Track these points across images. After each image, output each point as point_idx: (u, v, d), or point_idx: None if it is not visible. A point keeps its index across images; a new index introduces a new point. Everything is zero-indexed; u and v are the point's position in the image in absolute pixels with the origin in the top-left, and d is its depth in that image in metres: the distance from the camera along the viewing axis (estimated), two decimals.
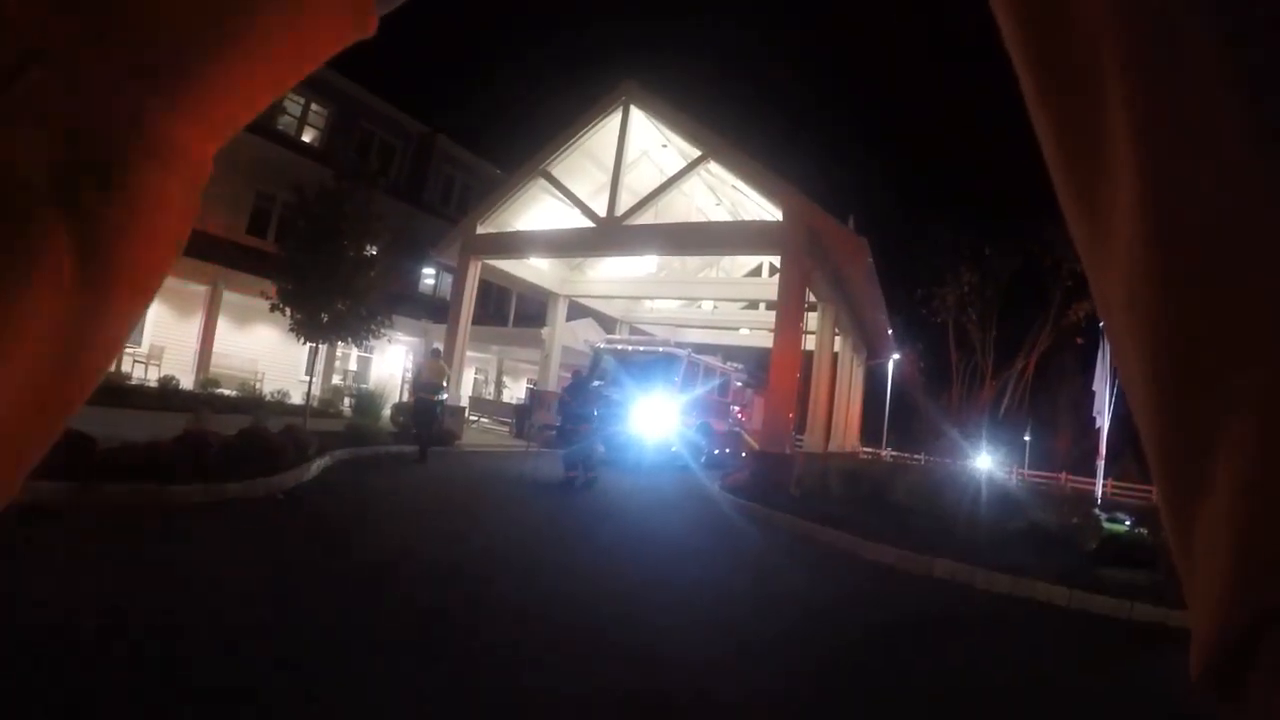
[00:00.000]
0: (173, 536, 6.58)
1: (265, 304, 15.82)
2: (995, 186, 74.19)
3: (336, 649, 4.67)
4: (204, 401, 15.80)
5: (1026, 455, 44.32)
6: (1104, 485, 18.62)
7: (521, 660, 4.88)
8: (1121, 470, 33.32)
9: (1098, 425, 17.09)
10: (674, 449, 19.35)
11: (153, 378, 20.06)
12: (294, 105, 26.58)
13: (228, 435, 9.78)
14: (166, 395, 17.44)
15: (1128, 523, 14.29)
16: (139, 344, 21.49)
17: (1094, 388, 17.50)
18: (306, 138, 26.96)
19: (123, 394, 16.34)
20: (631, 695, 4.63)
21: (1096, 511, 14.78)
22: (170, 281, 20.81)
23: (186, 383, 20.37)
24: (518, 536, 9.47)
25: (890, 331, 34.15)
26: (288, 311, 15.47)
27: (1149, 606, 8.47)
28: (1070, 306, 35.84)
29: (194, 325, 22.70)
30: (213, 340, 22.38)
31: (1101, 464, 17.39)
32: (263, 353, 24.35)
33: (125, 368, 20.00)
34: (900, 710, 4.90)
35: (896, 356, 41.03)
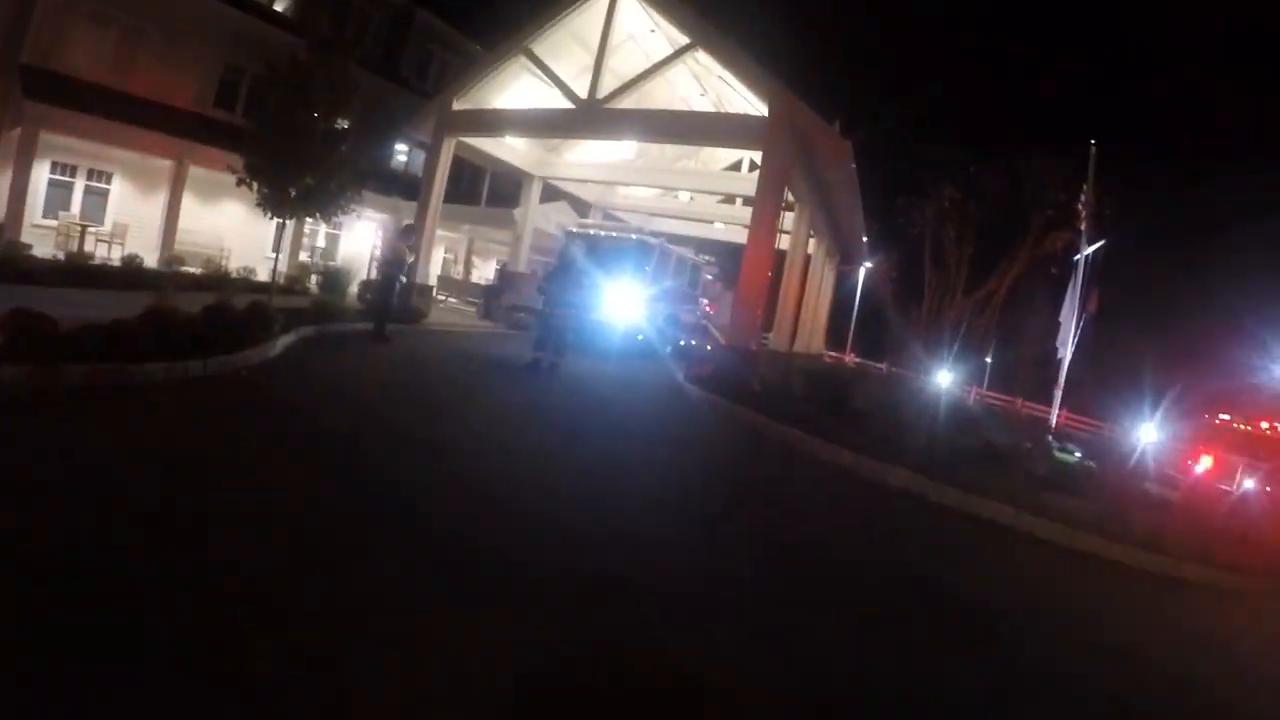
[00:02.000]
0: (132, 415, 6.41)
1: (232, 179, 15.30)
2: (987, 109, 73.42)
3: (293, 523, 4.63)
4: (168, 279, 15.46)
5: (986, 376, 44.84)
6: (1058, 415, 18.80)
7: (477, 534, 4.86)
8: (1077, 403, 33.74)
9: (1059, 356, 17.20)
10: (641, 337, 19.32)
11: (116, 256, 19.49)
12: None
13: (192, 313, 9.55)
14: (130, 274, 16.93)
15: (1078, 454, 14.49)
16: (101, 222, 20.92)
17: (1060, 319, 17.57)
18: (279, 6, 25.89)
19: (86, 274, 15.91)
20: (581, 571, 4.67)
21: (1049, 439, 14.96)
22: (133, 157, 20.62)
23: (151, 261, 19.80)
24: (480, 415, 9.44)
25: (865, 239, 34.12)
26: (254, 186, 15.06)
27: (1091, 536, 8.60)
28: (1048, 235, 35.81)
29: (158, 202, 21.97)
30: (178, 217, 21.72)
31: (1059, 394, 17.55)
32: (229, 229, 23.76)
33: (88, 246, 19.42)
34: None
35: (869, 264, 41.13)
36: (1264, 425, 27.84)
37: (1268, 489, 20.68)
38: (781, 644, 4.15)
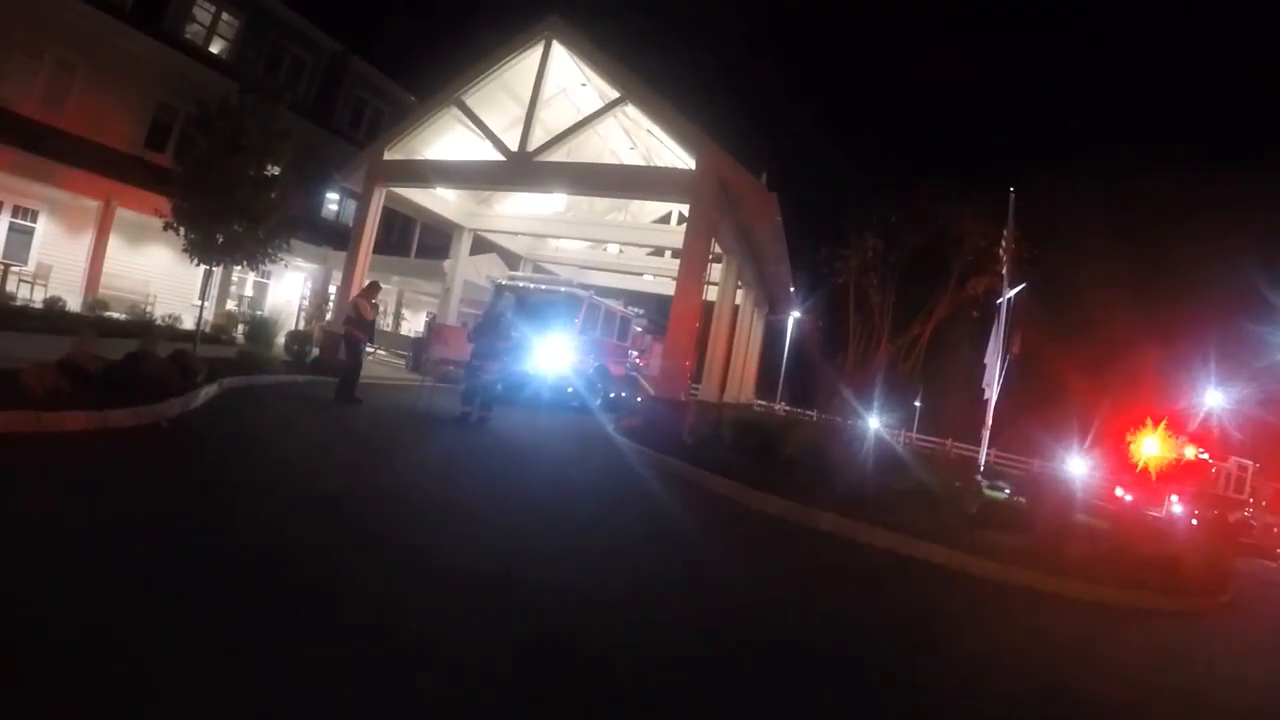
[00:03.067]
0: (44, 467, 6.28)
1: (160, 223, 15.15)
2: (907, 158, 75.21)
3: (203, 579, 4.61)
4: (90, 324, 15.18)
5: (915, 420, 45.61)
6: (987, 454, 19.22)
7: (402, 599, 4.87)
8: (1005, 441, 34.47)
9: (986, 397, 17.58)
10: (571, 389, 19.40)
11: (38, 298, 19.01)
12: (204, 13, 25.23)
13: (113, 360, 9.43)
14: (52, 317, 16.56)
15: (1007, 490, 14.81)
16: (25, 262, 20.45)
17: (985, 360, 17.98)
18: (214, 48, 25.65)
19: (5, 315, 15.58)
20: (506, 629, 4.70)
21: (979, 477, 15.25)
22: (61, 195, 20.22)
23: (74, 304, 19.38)
24: (404, 472, 9.40)
25: (793, 289, 34.63)
26: (182, 230, 14.89)
27: (1022, 570, 8.86)
28: (969, 280, 36.60)
29: (84, 243, 21.47)
30: (103, 260, 21.24)
31: (987, 434, 17.93)
32: (155, 274, 23.34)
33: (10, 287, 18.93)
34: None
35: (797, 314, 41.71)
36: (1191, 452, 28.69)
37: (1195, 513, 21.26)
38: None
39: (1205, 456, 29.66)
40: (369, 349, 15.33)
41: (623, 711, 3.89)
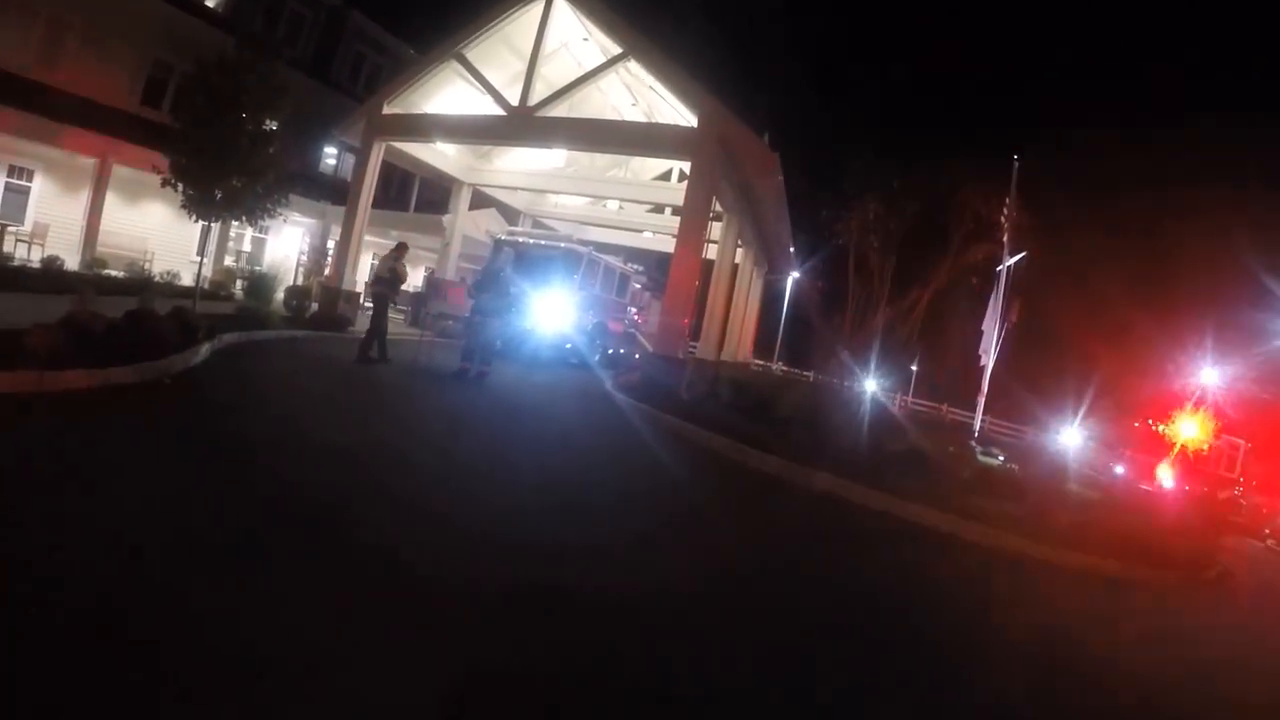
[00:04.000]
0: (49, 424, 6.30)
1: (157, 179, 15.02)
2: (912, 122, 74.75)
3: (207, 536, 4.64)
4: (89, 282, 15.11)
5: (912, 384, 45.72)
6: (982, 420, 19.28)
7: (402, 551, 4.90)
8: (1000, 409, 34.57)
9: (982, 363, 17.61)
10: (570, 346, 19.40)
11: (36, 258, 18.87)
12: None
13: (113, 318, 9.41)
14: (50, 276, 16.47)
15: (1001, 458, 14.87)
16: (21, 222, 20.32)
17: (983, 327, 17.99)
18: (210, 2, 25.37)
19: (3, 275, 15.52)
20: (505, 581, 4.74)
21: (973, 444, 15.30)
22: (56, 154, 20.08)
23: (72, 263, 19.28)
24: (404, 427, 9.43)
25: (792, 249, 34.55)
26: (179, 187, 14.80)
27: (1012, 536, 8.93)
28: (970, 247, 36.50)
29: (81, 202, 21.32)
30: (100, 218, 21.11)
31: (982, 400, 17.97)
32: (153, 231, 23.19)
33: (7, 247, 18.72)
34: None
35: (796, 274, 41.66)
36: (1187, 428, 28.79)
37: (1185, 488, 21.39)
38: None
39: (1200, 433, 29.76)
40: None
41: (612, 656, 3.94)
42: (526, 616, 4.18)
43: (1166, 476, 22.23)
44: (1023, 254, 17.89)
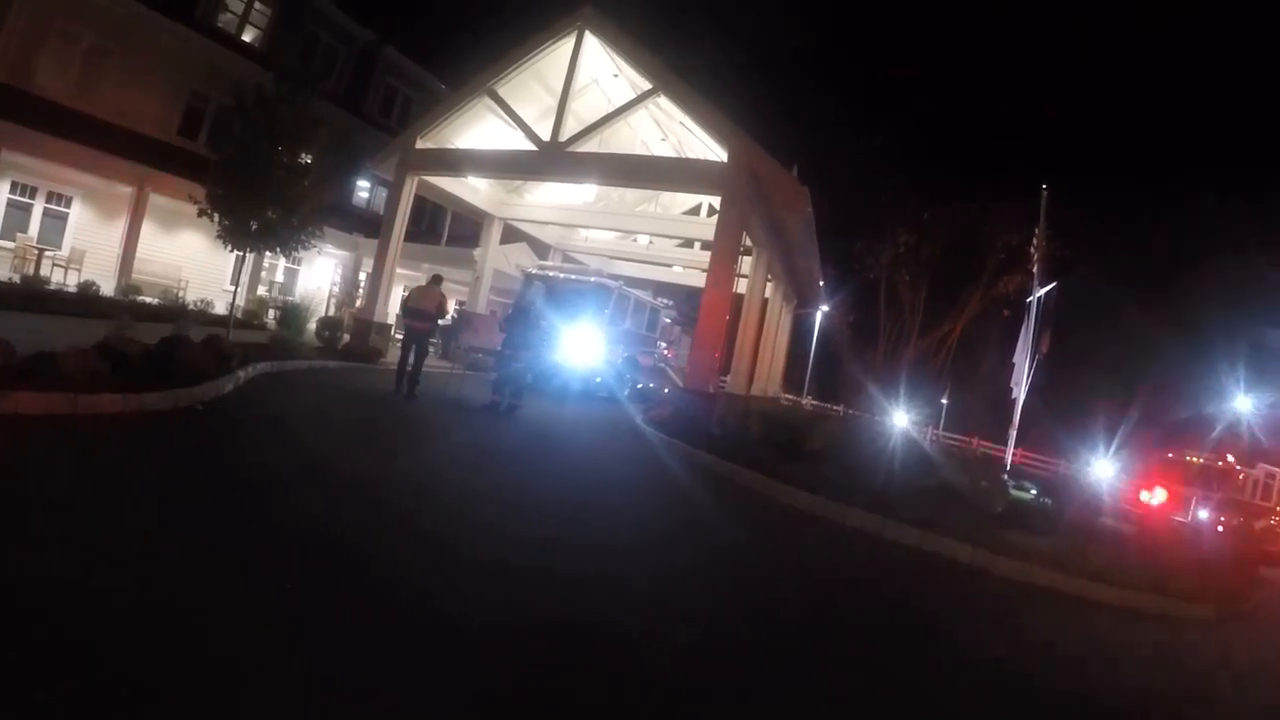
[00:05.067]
0: (80, 446, 6.36)
1: (193, 209, 15.28)
2: (941, 154, 74.62)
3: (233, 565, 4.64)
4: (125, 308, 15.34)
5: (942, 416, 45.40)
6: (1014, 453, 19.08)
7: (430, 583, 4.88)
8: (1032, 441, 34.23)
9: (1014, 395, 17.44)
10: (599, 380, 19.41)
11: (72, 282, 19.27)
12: (236, 1, 25.42)
13: (149, 344, 9.52)
14: (86, 301, 16.80)
15: (1033, 491, 14.68)
16: (59, 247, 20.71)
17: (1014, 359, 17.84)
18: (247, 37, 25.82)
19: (41, 299, 15.82)
20: (534, 617, 4.69)
21: (1005, 477, 15.13)
22: (95, 181, 20.43)
23: (108, 289, 19.65)
24: (435, 459, 9.43)
25: (822, 283, 34.51)
26: (215, 217, 15.02)
27: (1047, 571, 8.79)
28: (1001, 279, 36.39)
29: (118, 228, 21.79)
30: (136, 245, 21.52)
31: (1014, 433, 17.79)
32: (188, 260, 23.58)
33: (44, 271, 19.20)
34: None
35: (826, 308, 41.60)
36: (1221, 458, 28.38)
37: (1220, 519, 21.05)
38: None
39: (1233, 462, 29.31)
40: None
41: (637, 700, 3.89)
42: (563, 650, 4.14)
43: (1201, 507, 21.84)
44: (1053, 284, 17.76)
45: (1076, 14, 73.68)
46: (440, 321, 14.99)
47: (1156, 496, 24.35)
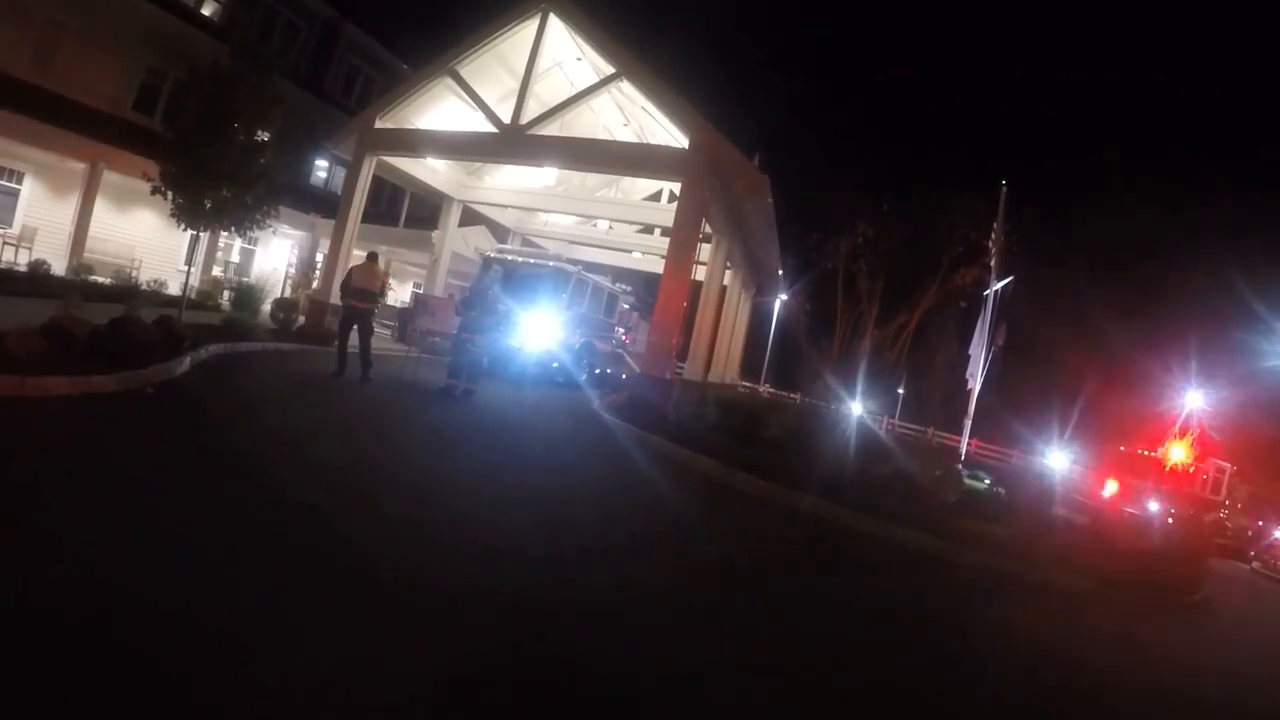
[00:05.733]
0: (27, 429, 6.28)
1: (147, 187, 15.00)
2: (902, 148, 75.21)
3: (187, 544, 4.60)
4: (75, 288, 15.06)
5: (898, 406, 45.86)
6: (969, 443, 19.31)
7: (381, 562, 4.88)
8: (987, 432, 34.67)
9: (969, 386, 17.63)
10: (557, 365, 19.38)
11: (23, 261, 18.90)
12: None
13: (98, 325, 9.37)
14: (36, 281, 16.47)
15: (987, 481, 14.89)
16: (9, 225, 20.28)
17: (970, 351, 18.03)
18: (206, 10, 25.29)
19: None
20: (478, 594, 4.71)
21: (959, 467, 15.33)
22: (47, 158, 20.04)
23: (59, 268, 19.27)
24: (388, 443, 9.39)
25: (781, 272, 34.67)
26: (169, 195, 14.78)
27: (1000, 558, 8.95)
28: (958, 270, 36.68)
29: (70, 206, 21.30)
30: (89, 223, 21.01)
31: (969, 423, 17.99)
32: (142, 239, 23.15)
33: None
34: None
35: (784, 296, 41.80)
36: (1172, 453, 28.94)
37: (1171, 512, 21.48)
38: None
39: (1187, 457, 29.90)
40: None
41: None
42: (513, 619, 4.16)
43: (1153, 500, 22.27)
44: (1009, 278, 17.96)
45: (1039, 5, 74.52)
46: (378, 295, 14.79)
47: (1109, 488, 24.78)
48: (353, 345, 13.75)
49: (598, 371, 21.28)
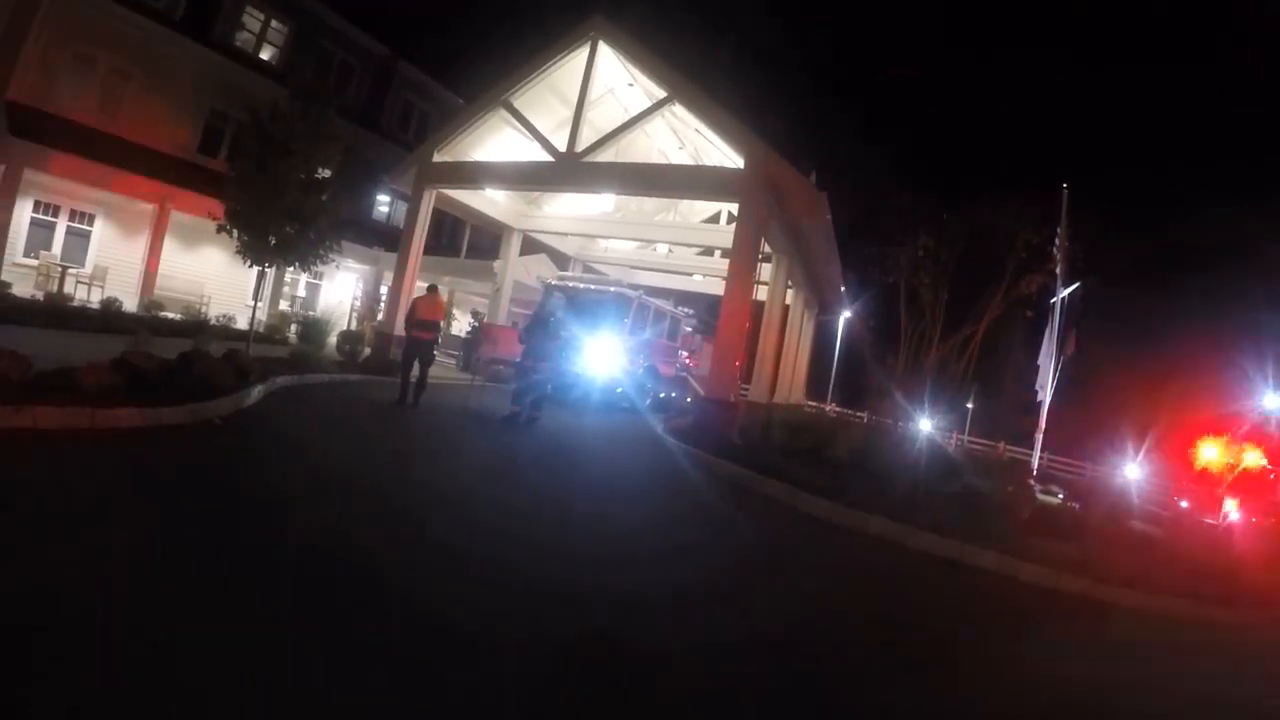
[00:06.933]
0: (97, 461, 6.39)
1: (213, 225, 15.40)
2: (960, 155, 74.39)
3: (248, 579, 4.61)
4: (145, 324, 15.43)
5: (967, 421, 45.08)
6: (1040, 457, 18.89)
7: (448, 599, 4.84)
8: (1059, 445, 33.96)
9: (1039, 398, 17.26)
10: (620, 390, 19.36)
11: (95, 299, 19.49)
12: (253, 21, 25.62)
13: (167, 359, 9.56)
14: (109, 317, 16.98)
15: (1060, 496, 14.51)
16: (82, 264, 20.92)
17: (1038, 362, 17.66)
18: (264, 55, 26.05)
19: (64, 316, 15.98)
20: (551, 629, 4.64)
21: (1031, 482, 14.98)
22: (117, 199, 20.62)
23: (130, 305, 19.88)
24: (455, 472, 9.40)
25: (843, 289, 34.33)
26: (234, 233, 15.10)
27: (1074, 577, 8.65)
28: (1022, 279, 36.02)
29: (140, 245, 22.05)
30: (158, 261, 21.78)
31: (1040, 436, 17.60)
32: (209, 276, 23.80)
33: (68, 288, 19.45)
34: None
35: (848, 314, 41.38)
36: (1252, 458, 28.09)
37: (1253, 521, 20.79)
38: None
39: (1265, 463, 28.98)
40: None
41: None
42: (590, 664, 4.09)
43: (1233, 509, 21.61)
44: (1076, 285, 17.57)
45: (1093, 11, 73.44)
46: (439, 326, 14.98)
47: (1187, 499, 24.06)
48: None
49: (661, 396, 21.22)
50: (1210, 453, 30.09)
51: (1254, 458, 28.96)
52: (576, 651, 4.33)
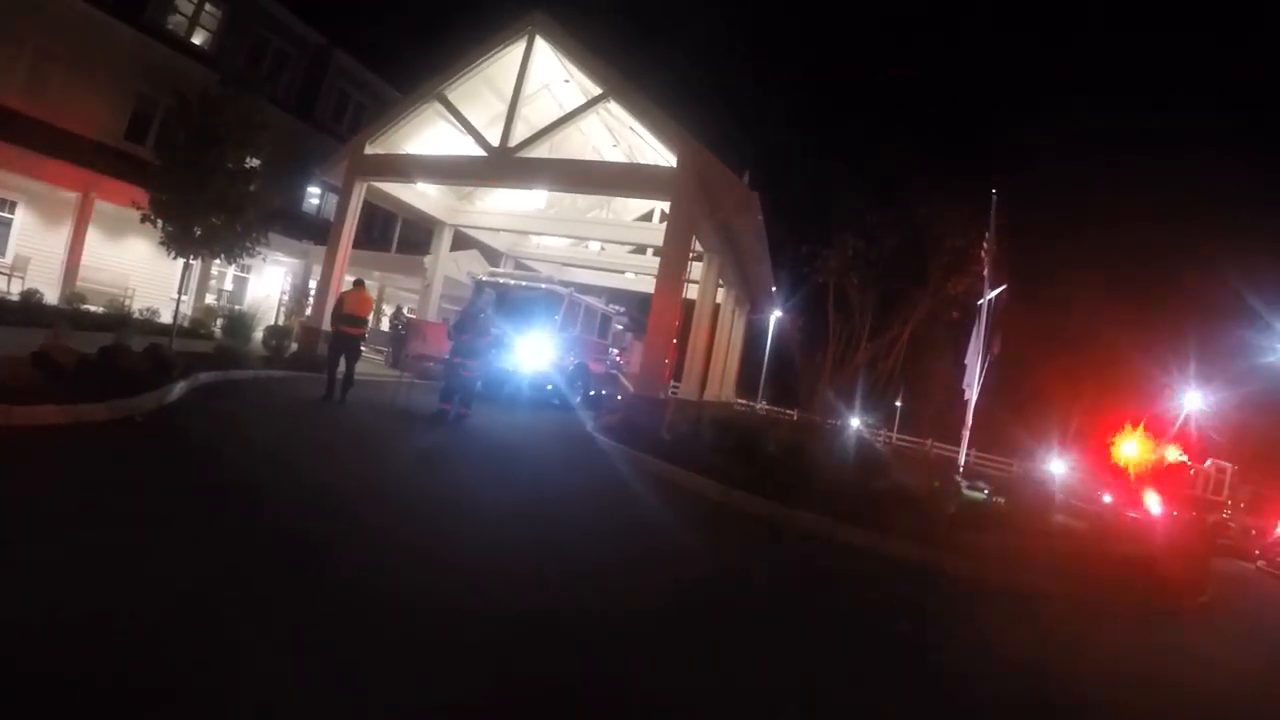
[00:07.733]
0: (13, 459, 6.23)
1: (138, 215, 15.05)
2: (888, 158, 75.43)
3: (173, 572, 4.58)
4: (66, 317, 15.06)
5: (896, 420, 45.84)
6: (967, 454, 19.27)
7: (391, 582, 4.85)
8: (985, 442, 34.68)
9: (966, 397, 17.61)
10: (551, 387, 19.36)
11: (15, 291, 18.96)
12: (186, 4, 24.99)
13: (87, 354, 9.38)
14: (29, 310, 16.50)
15: (986, 491, 14.83)
16: (2, 254, 20.35)
17: (965, 361, 18.02)
18: (197, 39, 25.46)
19: None
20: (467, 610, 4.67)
21: (958, 478, 15.28)
22: (39, 187, 20.11)
23: (52, 297, 19.31)
24: (381, 468, 9.35)
25: (774, 288, 34.69)
26: (159, 223, 14.81)
27: (1000, 569, 8.92)
28: (949, 280, 36.66)
29: (63, 236, 21.40)
30: (81, 252, 21.19)
31: (967, 434, 17.97)
32: (135, 268, 23.22)
33: None
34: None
35: (778, 313, 41.83)
36: (1171, 454, 28.96)
37: (1173, 514, 21.43)
38: None
39: (1184, 459, 29.92)
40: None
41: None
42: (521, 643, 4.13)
43: (1153, 502, 22.22)
44: (1002, 286, 17.97)
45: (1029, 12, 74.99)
46: (366, 320, 14.90)
47: (1109, 493, 24.73)
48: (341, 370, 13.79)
49: (592, 393, 21.26)
50: (1130, 449, 30.96)
51: (1173, 454, 29.88)
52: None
